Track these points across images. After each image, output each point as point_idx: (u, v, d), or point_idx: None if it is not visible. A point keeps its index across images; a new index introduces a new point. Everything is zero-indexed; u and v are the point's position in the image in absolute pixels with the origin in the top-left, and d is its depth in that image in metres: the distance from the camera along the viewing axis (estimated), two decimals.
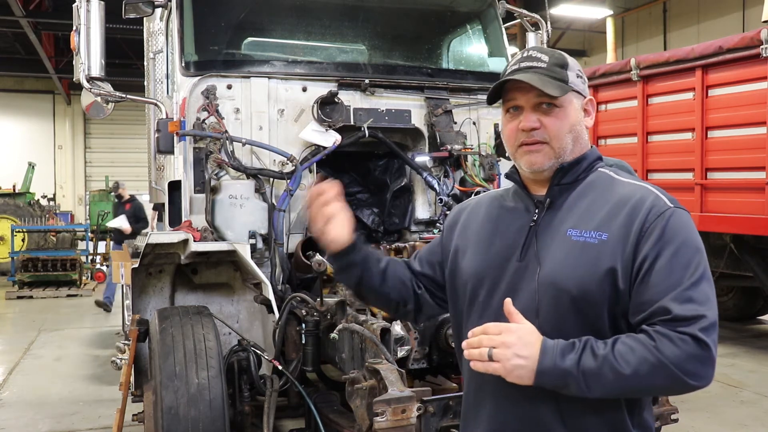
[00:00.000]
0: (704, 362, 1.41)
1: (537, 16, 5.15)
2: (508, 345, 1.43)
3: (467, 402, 1.77)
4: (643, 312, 1.47)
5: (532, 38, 5.13)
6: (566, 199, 1.63)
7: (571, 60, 1.68)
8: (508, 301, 1.51)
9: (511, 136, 1.66)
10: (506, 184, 1.83)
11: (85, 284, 12.72)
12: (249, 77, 4.17)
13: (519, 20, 5.32)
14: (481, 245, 1.72)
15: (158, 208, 13.69)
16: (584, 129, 1.68)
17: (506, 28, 5.05)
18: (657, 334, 1.42)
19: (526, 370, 1.44)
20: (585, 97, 1.69)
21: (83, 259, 13.19)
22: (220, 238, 3.99)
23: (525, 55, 1.66)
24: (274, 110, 4.20)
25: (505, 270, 1.64)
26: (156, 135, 4.14)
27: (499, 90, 1.66)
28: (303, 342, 3.69)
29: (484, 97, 4.58)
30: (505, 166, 4.47)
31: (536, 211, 1.65)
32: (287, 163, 4.10)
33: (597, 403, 1.50)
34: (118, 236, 10.24)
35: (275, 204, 4.07)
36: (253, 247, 3.92)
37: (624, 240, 1.51)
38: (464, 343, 1.50)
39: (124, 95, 3.99)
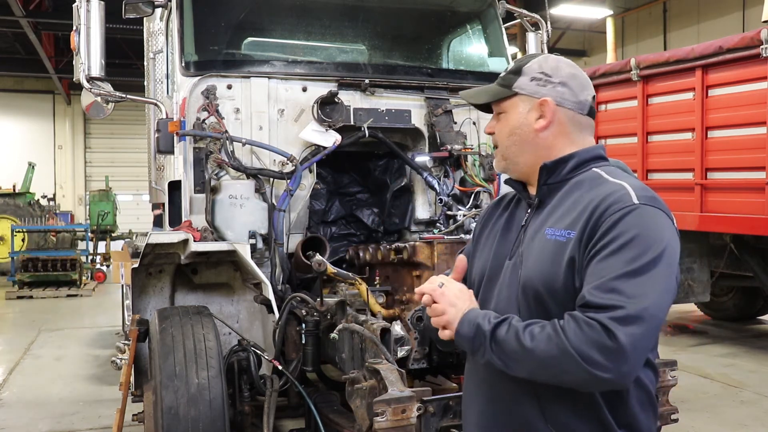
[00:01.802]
0: (609, 352, 1.35)
1: (537, 16, 5.14)
2: (449, 291, 1.61)
3: (465, 399, 1.82)
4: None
5: (532, 38, 5.12)
6: (553, 199, 1.65)
7: (534, 63, 1.67)
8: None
9: None
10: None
11: (85, 284, 12.72)
12: (249, 77, 4.17)
13: (519, 20, 5.32)
14: (487, 245, 1.78)
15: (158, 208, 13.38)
16: (532, 132, 1.65)
17: (506, 28, 5.04)
18: (568, 317, 1.42)
19: (455, 310, 1.58)
20: (536, 99, 1.65)
21: (83, 259, 13.19)
22: (220, 238, 3.99)
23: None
24: (274, 110, 4.20)
25: (501, 268, 1.69)
26: (156, 135, 4.14)
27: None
28: (303, 342, 3.70)
29: None
30: None
31: (529, 210, 1.69)
32: (287, 163, 4.10)
33: (575, 400, 1.51)
34: None
35: (275, 204, 4.07)
36: (253, 247, 3.92)
37: (582, 235, 1.50)
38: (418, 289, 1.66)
39: (124, 95, 3.99)
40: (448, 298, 1.59)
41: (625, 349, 1.35)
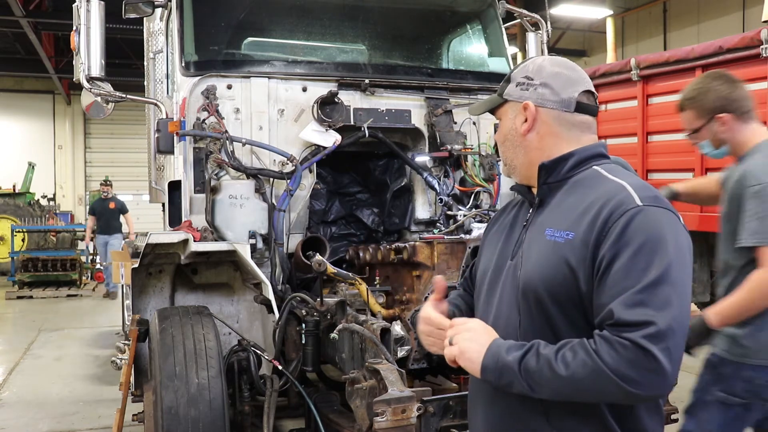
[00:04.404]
0: (647, 371, 1.34)
1: (537, 16, 5.14)
2: (467, 330, 1.56)
3: (470, 401, 1.82)
4: (597, 316, 1.44)
5: (532, 38, 5.12)
6: (554, 198, 1.64)
7: (520, 69, 1.71)
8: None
9: None
10: (506, 183, 1.89)
11: (85, 284, 12.73)
12: (249, 77, 4.17)
13: (519, 20, 5.32)
14: (492, 244, 1.80)
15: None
16: (519, 136, 1.68)
17: (506, 28, 5.04)
18: (600, 338, 1.39)
19: (474, 353, 1.52)
20: (520, 104, 1.68)
21: (83, 259, 13.19)
22: (220, 238, 3.99)
23: None
24: (274, 110, 4.20)
25: (503, 269, 1.70)
26: (156, 135, 4.14)
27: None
28: (303, 342, 3.69)
29: (484, 97, 4.63)
30: None
31: (530, 210, 1.71)
32: (287, 163, 4.10)
33: (580, 407, 1.50)
34: None
35: (275, 204, 4.07)
36: (253, 247, 3.92)
37: (587, 240, 1.48)
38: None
39: (124, 95, 3.99)
40: (465, 335, 1.56)
41: (662, 365, 1.34)
